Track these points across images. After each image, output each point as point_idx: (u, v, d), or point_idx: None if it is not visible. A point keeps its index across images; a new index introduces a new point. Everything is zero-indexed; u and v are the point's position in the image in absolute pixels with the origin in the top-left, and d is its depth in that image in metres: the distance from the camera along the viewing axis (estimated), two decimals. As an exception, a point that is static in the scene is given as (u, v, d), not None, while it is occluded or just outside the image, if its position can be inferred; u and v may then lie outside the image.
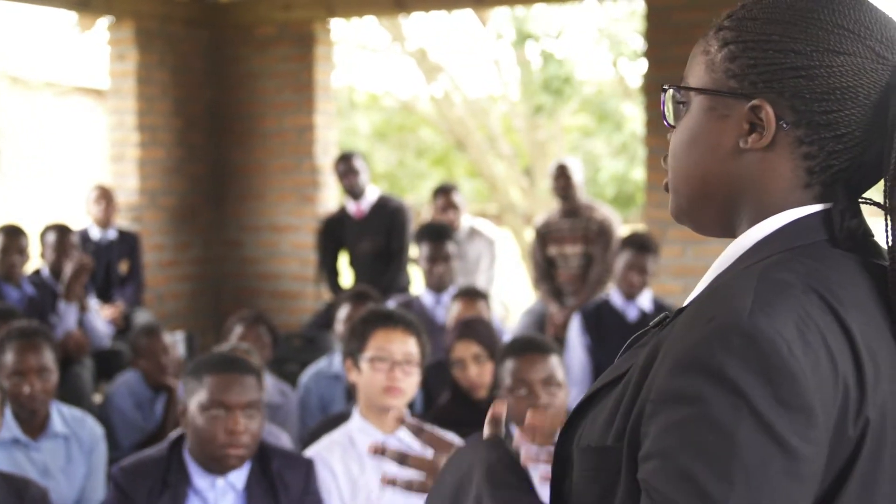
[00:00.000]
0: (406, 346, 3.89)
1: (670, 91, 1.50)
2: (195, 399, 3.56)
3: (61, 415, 4.53)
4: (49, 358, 4.50)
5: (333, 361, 5.74)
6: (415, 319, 4.07)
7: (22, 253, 6.54)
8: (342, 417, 4.37)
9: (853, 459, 1.28)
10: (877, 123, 1.38)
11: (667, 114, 1.51)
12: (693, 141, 1.46)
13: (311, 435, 4.47)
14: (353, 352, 3.94)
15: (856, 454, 1.28)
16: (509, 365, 4.07)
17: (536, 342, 4.25)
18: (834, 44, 1.38)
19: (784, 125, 1.39)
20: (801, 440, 1.22)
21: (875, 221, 1.44)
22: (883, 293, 1.37)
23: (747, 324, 1.25)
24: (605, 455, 1.36)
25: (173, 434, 3.77)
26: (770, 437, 1.22)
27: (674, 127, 1.50)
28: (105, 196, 7.93)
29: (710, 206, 1.46)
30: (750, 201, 1.43)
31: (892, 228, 1.37)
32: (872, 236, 1.44)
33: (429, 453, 1.81)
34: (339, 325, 5.84)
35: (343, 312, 5.89)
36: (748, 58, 1.40)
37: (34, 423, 4.46)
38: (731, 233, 1.46)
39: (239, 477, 3.62)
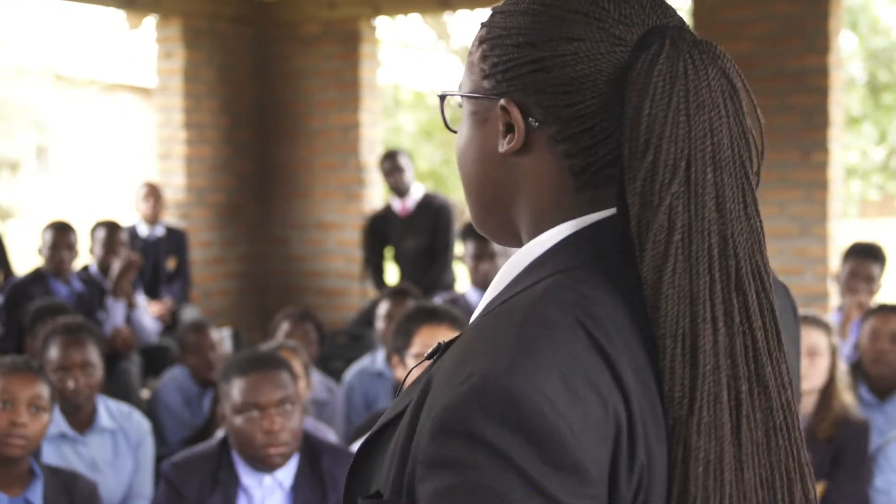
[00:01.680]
0: None
1: (448, 97, 1.42)
2: (229, 402, 3.55)
3: (108, 409, 4.56)
4: (93, 353, 4.52)
5: (377, 359, 5.74)
6: (460, 314, 4.07)
7: (71, 249, 6.60)
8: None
9: None
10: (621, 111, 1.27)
11: (447, 120, 1.44)
12: (465, 148, 1.38)
13: (356, 432, 4.47)
14: (398, 348, 3.94)
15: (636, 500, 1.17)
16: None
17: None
18: (566, 31, 1.27)
19: (533, 122, 1.29)
20: (576, 498, 1.12)
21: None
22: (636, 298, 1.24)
23: (505, 384, 1.13)
24: None
25: (221, 433, 3.77)
26: (544, 498, 1.11)
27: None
28: (153, 193, 7.98)
29: (492, 214, 1.38)
30: (524, 209, 1.33)
31: (633, 226, 1.24)
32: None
33: None
34: (379, 322, 5.84)
35: (382, 309, 5.88)
36: (494, 55, 1.32)
37: (81, 418, 4.49)
38: (520, 243, 1.36)
39: (286, 474, 3.61)
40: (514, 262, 1.31)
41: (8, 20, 19.53)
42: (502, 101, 1.30)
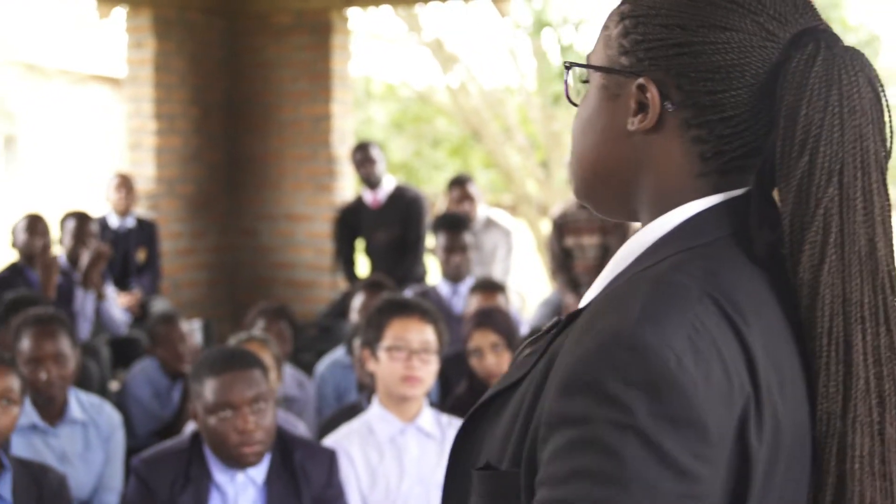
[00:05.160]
0: (423, 334, 3.88)
1: (574, 69, 1.42)
2: (201, 402, 3.52)
3: (79, 401, 4.54)
4: (66, 344, 4.49)
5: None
6: (431, 307, 4.07)
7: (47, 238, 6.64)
8: (355, 408, 4.37)
9: (750, 472, 1.18)
10: (769, 107, 1.29)
11: (569, 92, 1.43)
12: (588, 121, 1.38)
13: (325, 426, 4.46)
14: (370, 341, 3.93)
15: (753, 467, 1.18)
16: (528, 354, 4.07)
17: (556, 332, 4.24)
18: (720, 19, 1.28)
19: (669, 106, 1.30)
20: (693, 458, 1.13)
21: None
22: (783, 293, 1.28)
23: (632, 336, 1.16)
24: (503, 480, 1.26)
25: (191, 426, 3.74)
26: (659, 457, 1.12)
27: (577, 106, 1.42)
28: (125, 184, 7.94)
29: (606, 189, 1.39)
30: (645, 187, 1.35)
31: (786, 224, 1.27)
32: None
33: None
34: (354, 315, 5.84)
35: (357, 302, 5.88)
36: (638, 33, 1.32)
37: (52, 410, 4.46)
38: (633, 217, 1.39)
39: (259, 471, 3.59)
40: (638, 240, 1.33)
41: (-24, 9, 19.38)
42: (641, 79, 1.31)
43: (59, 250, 6.90)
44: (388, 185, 8.25)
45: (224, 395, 3.48)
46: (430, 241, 7.41)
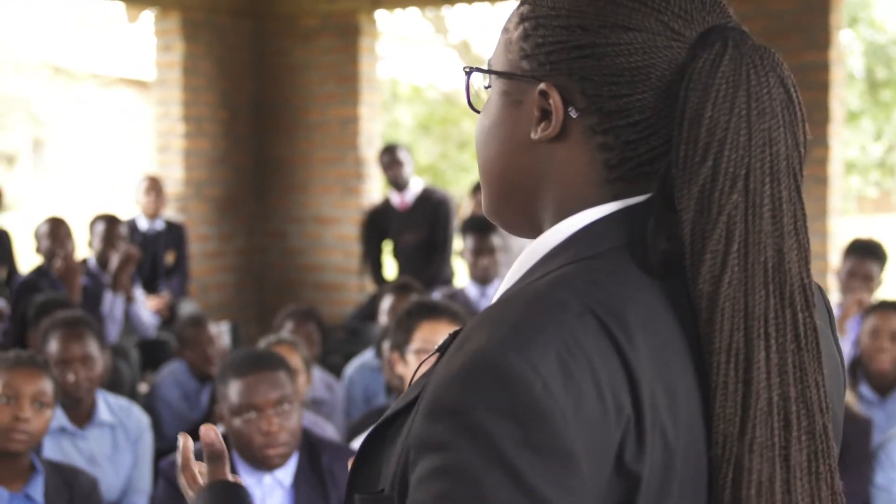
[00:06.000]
0: None
1: (475, 74, 1.34)
2: (226, 404, 3.53)
3: (108, 404, 4.55)
4: (93, 346, 4.52)
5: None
6: (461, 310, 4.06)
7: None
8: (384, 411, 4.36)
9: (634, 496, 1.11)
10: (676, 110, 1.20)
11: (471, 99, 1.36)
12: (490, 130, 1.30)
13: (353, 428, 4.46)
14: (398, 344, 3.92)
15: (637, 491, 1.11)
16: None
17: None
18: (623, 18, 1.20)
19: (573, 112, 1.22)
20: (558, 490, 1.06)
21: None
22: (681, 306, 1.18)
23: (496, 359, 1.08)
24: (381, 503, 1.21)
25: (219, 429, 3.75)
26: (520, 488, 1.06)
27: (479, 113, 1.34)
28: (155, 186, 7.96)
29: (510, 204, 1.31)
30: (549, 201, 1.27)
31: (687, 233, 1.18)
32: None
33: None
34: (383, 317, 5.84)
35: (386, 304, 5.88)
36: (538, 35, 1.24)
37: (80, 412, 4.48)
38: (536, 233, 1.29)
39: (286, 473, 3.59)
40: (532, 251, 1.25)
41: (5, 13, 19.49)
42: (542, 85, 1.23)
43: (87, 253, 6.92)
44: (415, 187, 8.26)
45: (248, 397, 3.48)
46: (458, 243, 7.41)
